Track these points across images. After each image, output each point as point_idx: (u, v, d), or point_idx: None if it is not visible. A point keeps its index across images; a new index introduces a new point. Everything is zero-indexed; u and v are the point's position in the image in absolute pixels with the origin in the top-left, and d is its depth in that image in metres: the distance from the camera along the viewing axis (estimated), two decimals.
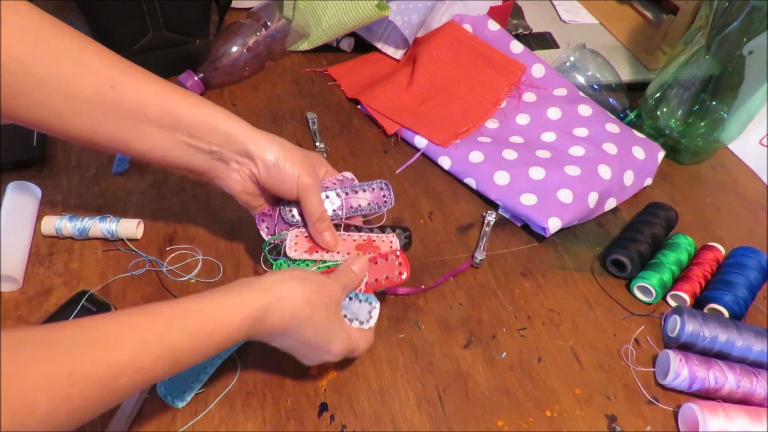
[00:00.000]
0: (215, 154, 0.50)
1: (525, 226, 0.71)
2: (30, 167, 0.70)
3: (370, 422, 0.52)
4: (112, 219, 0.62)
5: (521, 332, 0.60)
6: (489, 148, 0.77)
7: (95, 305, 0.56)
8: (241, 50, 0.83)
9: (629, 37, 1.02)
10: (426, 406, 0.53)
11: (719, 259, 0.67)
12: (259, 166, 0.51)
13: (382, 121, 0.82)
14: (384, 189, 0.57)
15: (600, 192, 0.71)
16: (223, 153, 0.50)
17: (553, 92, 0.84)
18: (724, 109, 0.77)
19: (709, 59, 0.74)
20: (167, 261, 0.62)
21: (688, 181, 0.81)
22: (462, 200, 0.74)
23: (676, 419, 0.54)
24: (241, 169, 0.52)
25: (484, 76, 0.85)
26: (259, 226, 0.58)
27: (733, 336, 0.57)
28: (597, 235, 0.72)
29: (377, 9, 0.84)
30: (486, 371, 0.57)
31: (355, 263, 0.52)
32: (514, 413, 0.54)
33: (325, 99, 0.86)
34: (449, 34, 0.86)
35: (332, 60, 0.93)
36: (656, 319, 0.63)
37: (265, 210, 0.57)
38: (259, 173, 0.51)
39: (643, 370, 0.58)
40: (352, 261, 0.52)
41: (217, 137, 0.49)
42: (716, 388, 0.54)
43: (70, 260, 0.61)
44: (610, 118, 0.80)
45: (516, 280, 0.65)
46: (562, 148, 0.77)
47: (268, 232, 0.57)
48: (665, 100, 0.80)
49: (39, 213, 0.65)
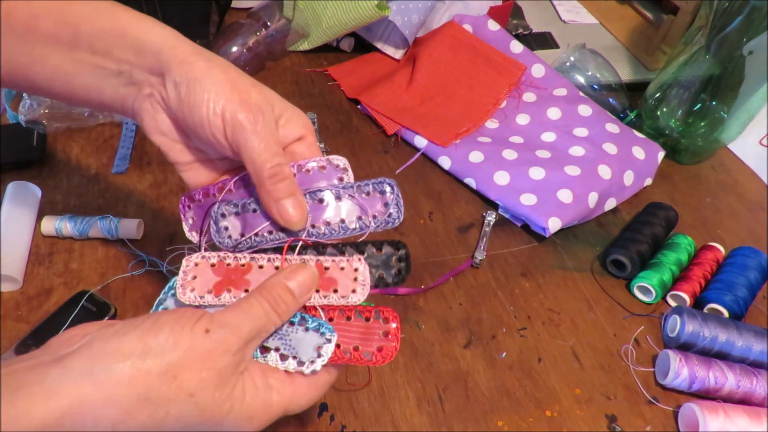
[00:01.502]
0: (124, 76, 0.36)
1: (525, 226, 0.71)
2: (30, 167, 0.70)
3: (370, 422, 0.52)
4: (112, 219, 0.62)
5: (521, 332, 0.60)
6: (489, 148, 0.77)
7: (95, 305, 0.56)
8: (241, 50, 0.83)
9: (629, 37, 1.02)
10: (426, 406, 0.53)
11: (719, 259, 0.67)
12: (169, 86, 0.34)
13: (382, 121, 0.82)
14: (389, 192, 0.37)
15: (600, 192, 0.71)
16: (133, 73, 0.35)
17: (553, 92, 0.84)
18: (724, 109, 0.77)
19: (709, 59, 0.74)
20: (167, 261, 0.62)
21: (688, 181, 0.81)
22: (462, 200, 0.74)
23: (676, 419, 0.54)
24: (152, 95, 0.36)
25: (484, 76, 0.85)
26: (183, 216, 0.40)
27: (733, 336, 0.57)
28: (597, 235, 0.72)
29: (377, 9, 0.84)
30: (486, 371, 0.57)
31: (294, 277, 0.33)
32: (514, 413, 0.54)
33: (325, 99, 0.86)
34: (449, 34, 0.86)
35: (332, 60, 0.93)
36: (656, 319, 0.63)
37: (194, 191, 0.39)
38: (169, 99, 0.35)
39: (643, 370, 0.58)
40: (292, 273, 0.34)
41: (125, 51, 0.35)
42: (716, 388, 0.54)
43: (70, 260, 0.61)
44: (610, 118, 0.80)
45: (516, 280, 0.65)
46: (562, 148, 0.77)
47: (193, 227, 0.39)
48: (665, 100, 0.80)
49: (39, 213, 0.65)
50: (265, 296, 0.32)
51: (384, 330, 0.34)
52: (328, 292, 0.35)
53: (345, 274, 0.35)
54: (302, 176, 0.37)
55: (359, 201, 0.36)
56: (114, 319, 0.56)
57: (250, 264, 0.35)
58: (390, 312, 0.35)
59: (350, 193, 0.36)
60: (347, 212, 0.36)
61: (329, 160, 0.37)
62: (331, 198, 0.36)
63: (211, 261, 0.36)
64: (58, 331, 0.53)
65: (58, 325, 0.54)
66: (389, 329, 0.34)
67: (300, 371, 0.33)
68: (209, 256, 0.36)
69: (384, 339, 0.34)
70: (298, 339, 0.33)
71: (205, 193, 0.39)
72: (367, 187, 0.37)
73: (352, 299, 0.34)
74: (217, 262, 0.36)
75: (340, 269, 0.35)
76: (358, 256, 0.36)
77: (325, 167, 0.37)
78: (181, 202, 0.40)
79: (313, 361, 0.33)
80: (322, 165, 0.37)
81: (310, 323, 0.34)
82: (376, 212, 0.36)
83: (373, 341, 0.34)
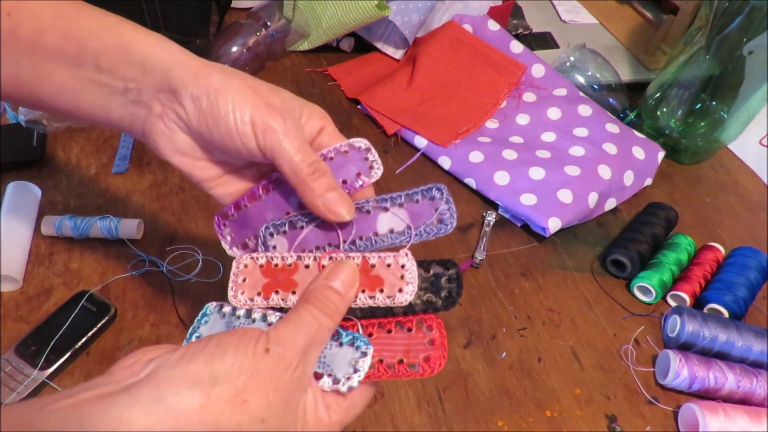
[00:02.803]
0: (131, 94, 0.35)
1: (525, 226, 0.71)
2: (30, 167, 0.70)
3: (370, 422, 0.52)
4: (112, 219, 0.62)
5: (521, 332, 0.60)
6: (489, 148, 0.77)
7: (95, 305, 0.56)
8: (241, 50, 0.83)
9: (629, 37, 1.02)
10: (426, 406, 0.53)
11: (719, 259, 0.67)
12: (186, 102, 0.33)
13: (382, 121, 0.82)
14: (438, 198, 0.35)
15: (600, 192, 0.71)
16: (141, 92, 0.34)
17: (553, 92, 0.84)
18: (724, 109, 0.77)
19: (709, 59, 0.74)
20: (167, 261, 0.62)
21: (688, 181, 0.81)
22: (462, 200, 0.74)
23: (676, 419, 0.54)
24: (165, 114, 0.34)
25: (484, 76, 0.85)
26: (220, 235, 0.39)
27: (733, 336, 0.57)
28: (597, 235, 0.72)
29: (377, 9, 0.84)
30: (486, 371, 0.57)
31: (337, 275, 0.32)
32: (514, 413, 0.54)
33: (325, 99, 0.86)
34: (449, 34, 0.86)
35: (332, 60, 0.93)
36: (656, 319, 0.63)
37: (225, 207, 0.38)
38: (188, 115, 0.34)
39: (643, 370, 0.58)
40: (333, 272, 0.33)
41: (131, 68, 0.34)
42: (716, 388, 0.54)
43: (70, 260, 0.61)
44: (610, 118, 0.80)
45: (516, 280, 0.65)
46: (562, 148, 0.77)
47: (233, 242, 0.39)
48: (665, 100, 0.80)
49: (39, 213, 0.65)
50: (311, 302, 0.31)
51: (429, 339, 0.33)
52: (374, 292, 0.33)
53: (391, 272, 0.33)
54: (329, 164, 0.36)
55: (408, 209, 0.35)
56: (114, 319, 0.56)
57: (296, 264, 0.35)
58: (433, 319, 0.33)
59: (399, 201, 0.35)
60: (396, 222, 0.35)
61: (351, 144, 0.36)
62: (378, 209, 0.35)
63: (260, 262, 0.35)
64: (58, 331, 0.53)
65: (58, 325, 0.54)
66: (434, 337, 0.33)
67: (336, 389, 0.31)
68: (257, 257, 0.35)
69: (430, 348, 0.32)
70: (332, 355, 0.31)
71: (236, 206, 0.38)
72: (416, 195, 0.35)
73: (399, 299, 0.33)
74: (265, 263, 0.35)
75: (386, 266, 0.33)
76: (405, 251, 0.34)
77: (348, 151, 0.36)
78: (215, 222, 0.39)
79: (349, 378, 0.31)
80: (344, 150, 0.36)
81: (344, 337, 0.32)
82: (426, 220, 0.35)
83: (419, 352, 0.32)
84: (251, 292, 0.34)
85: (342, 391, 0.31)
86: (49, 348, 0.52)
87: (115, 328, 0.56)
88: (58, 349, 0.52)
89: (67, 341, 0.53)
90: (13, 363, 0.51)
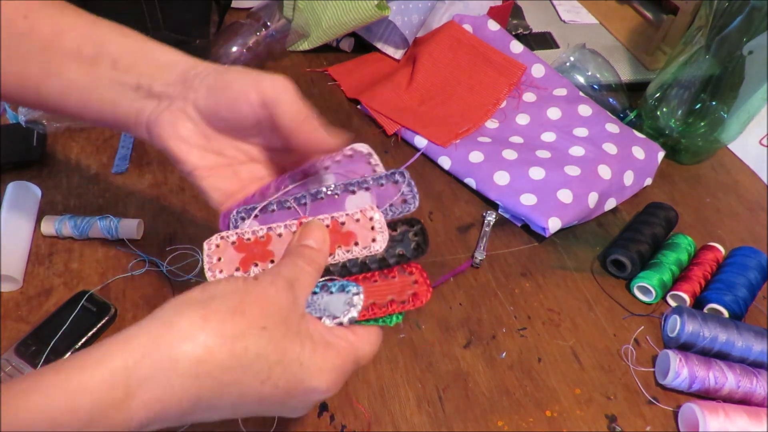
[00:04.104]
0: (142, 89, 0.37)
1: (525, 226, 0.71)
2: (30, 167, 0.70)
3: (370, 422, 0.52)
4: (112, 219, 0.62)
5: (521, 332, 0.60)
6: (489, 148, 0.77)
7: (95, 305, 0.56)
8: (241, 50, 0.83)
9: (629, 37, 1.02)
10: (426, 406, 0.53)
11: (719, 259, 0.67)
12: (198, 87, 0.36)
13: (382, 121, 0.82)
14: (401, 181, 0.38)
15: (600, 192, 0.71)
16: (153, 85, 0.37)
17: (553, 92, 0.84)
18: (724, 109, 0.77)
19: (709, 59, 0.74)
20: (167, 261, 0.62)
21: (688, 181, 0.81)
22: (462, 200, 0.74)
23: (676, 419, 0.54)
24: (173, 105, 0.37)
25: (484, 76, 0.85)
26: None
27: (733, 336, 0.57)
28: (597, 235, 0.72)
29: (377, 9, 0.84)
30: (486, 371, 0.57)
31: (308, 235, 0.35)
32: (514, 413, 0.54)
33: (325, 99, 0.86)
34: (449, 34, 0.86)
35: (332, 60, 0.93)
36: (656, 319, 0.63)
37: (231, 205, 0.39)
38: (199, 99, 0.36)
39: (643, 370, 0.58)
40: (303, 233, 0.35)
41: (146, 65, 0.37)
42: (716, 388, 0.54)
43: (70, 260, 0.61)
44: (610, 118, 0.80)
45: (516, 280, 0.65)
46: (562, 148, 0.77)
47: None
48: (665, 100, 0.80)
49: (39, 213, 0.64)
50: (289, 256, 0.34)
51: (412, 280, 0.36)
52: (350, 246, 0.36)
53: (362, 225, 0.36)
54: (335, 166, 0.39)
55: (376, 192, 0.38)
56: (114, 319, 0.56)
57: (269, 234, 0.37)
58: (413, 265, 0.37)
59: (366, 186, 0.38)
60: (364, 203, 0.38)
61: (353, 148, 0.39)
62: (347, 193, 0.38)
63: (231, 239, 0.37)
64: (58, 331, 0.53)
65: (58, 325, 0.54)
66: (417, 278, 0.36)
67: (338, 323, 0.33)
68: (227, 235, 0.37)
69: (415, 286, 0.36)
70: (326, 302, 0.34)
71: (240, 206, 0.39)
72: (381, 180, 0.38)
73: (374, 248, 0.36)
74: (237, 240, 0.37)
75: (356, 221, 0.36)
76: (371, 205, 0.37)
77: (352, 155, 0.39)
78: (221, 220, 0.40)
79: (347, 312, 0.33)
80: (349, 154, 0.39)
81: (333, 287, 0.35)
82: (392, 201, 0.38)
83: (406, 290, 0.36)
84: (229, 268, 0.36)
85: (345, 323, 0.33)
86: (49, 348, 0.52)
87: (115, 328, 0.56)
88: (58, 349, 0.52)
89: (67, 341, 0.53)
90: (13, 363, 0.51)
